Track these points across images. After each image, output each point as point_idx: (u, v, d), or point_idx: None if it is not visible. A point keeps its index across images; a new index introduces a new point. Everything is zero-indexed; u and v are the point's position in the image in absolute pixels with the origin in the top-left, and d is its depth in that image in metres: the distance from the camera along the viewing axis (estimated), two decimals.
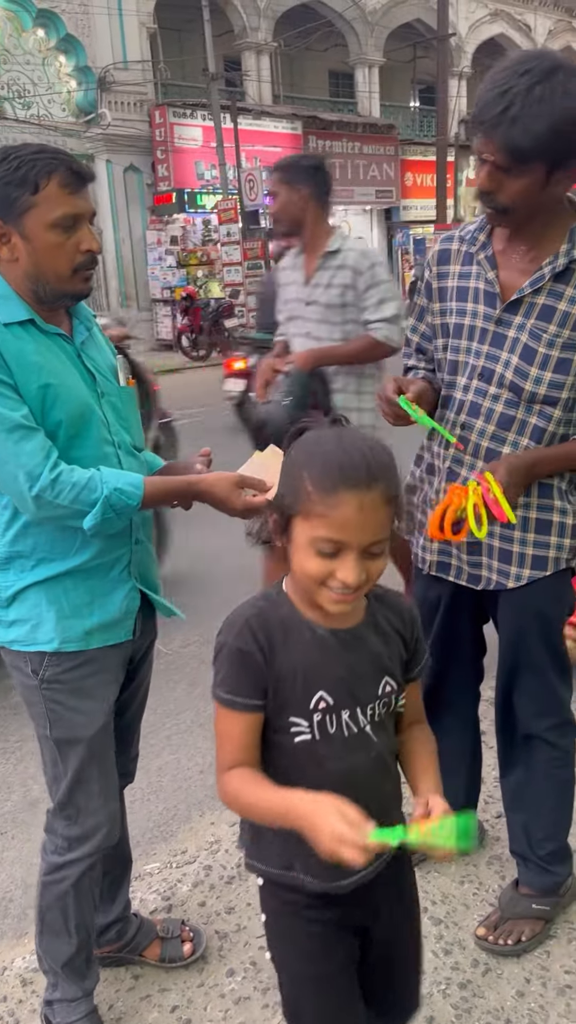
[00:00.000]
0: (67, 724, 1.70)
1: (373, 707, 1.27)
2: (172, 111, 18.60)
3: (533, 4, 26.55)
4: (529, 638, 1.97)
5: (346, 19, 22.23)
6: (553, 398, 1.81)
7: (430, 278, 1.99)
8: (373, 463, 1.14)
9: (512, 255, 1.84)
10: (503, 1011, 1.87)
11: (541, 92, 1.56)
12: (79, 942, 1.80)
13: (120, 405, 1.74)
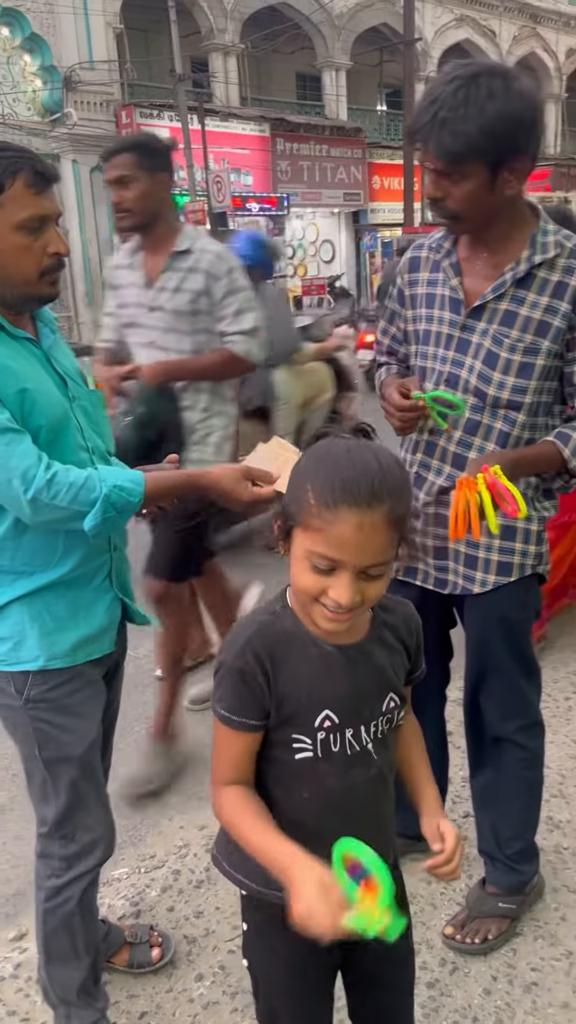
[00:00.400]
0: (56, 743, 1.65)
1: (377, 724, 1.24)
2: (139, 112, 18.51)
3: (498, 10, 26.79)
4: (495, 642, 1.98)
5: (313, 22, 22.27)
6: (517, 403, 1.83)
7: (402, 285, 2.01)
8: (379, 482, 1.07)
9: (476, 262, 1.86)
10: (470, 1009, 1.89)
11: (465, 95, 1.60)
12: (90, 962, 1.75)
13: (91, 409, 1.70)
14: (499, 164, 1.67)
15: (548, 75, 29.20)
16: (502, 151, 1.65)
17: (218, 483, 1.63)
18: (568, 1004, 1.89)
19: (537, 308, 1.79)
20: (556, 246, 1.79)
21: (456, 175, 1.68)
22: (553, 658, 3.50)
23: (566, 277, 1.78)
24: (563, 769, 2.74)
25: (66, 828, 1.69)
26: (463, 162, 1.65)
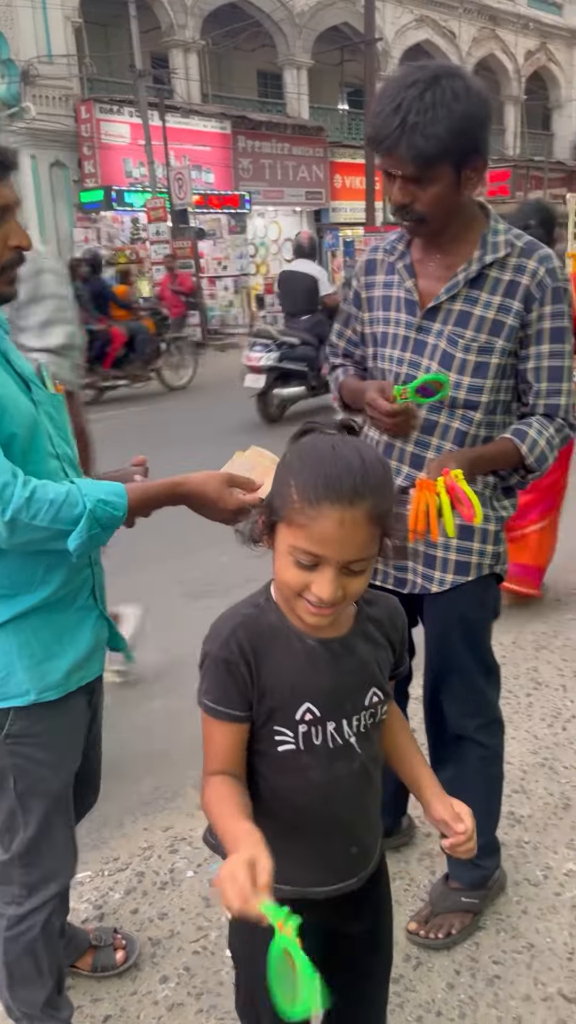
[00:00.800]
0: (34, 778, 1.56)
1: (359, 718, 1.25)
2: (98, 107, 18.35)
3: (458, 12, 27.01)
4: (454, 641, 2.00)
5: (274, 20, 22.28)
6: (473, 402, 1.85)
7: (358, 288, 2.03)
8: (361, 479, 1.08)
9: (429, 263, 1.88)
10: (434, 1004, 1.90)
11: (432, 98, 1.61)
12: (55, 981, 1.71)
13: (55, 414, 1.58)
14: (463, 164, 1.70)
15: (507, 77, 29.54)
16: (466, 151, 1.68)
17: (202, 491, 1.51)
18: (529, 996, 1.91)
19: (490, 308, 1.81)
20: (506, 245, 1.82)
21: (425, 179, 1.68)
22: (514, 655, 3.55)
23: (517, 276, 1.81)
24: (524, 765, 2.77)
25: (31, 857, 1.61)
26: (434, 165, 1.66)
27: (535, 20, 29.86)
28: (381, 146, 1.67)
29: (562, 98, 32.12)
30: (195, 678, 1.25)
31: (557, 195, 29.06)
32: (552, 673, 3.39)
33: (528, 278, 1.81)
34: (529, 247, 1.83)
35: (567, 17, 31.55)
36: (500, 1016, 1.87)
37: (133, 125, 18.28)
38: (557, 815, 2.53)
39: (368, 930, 1.38)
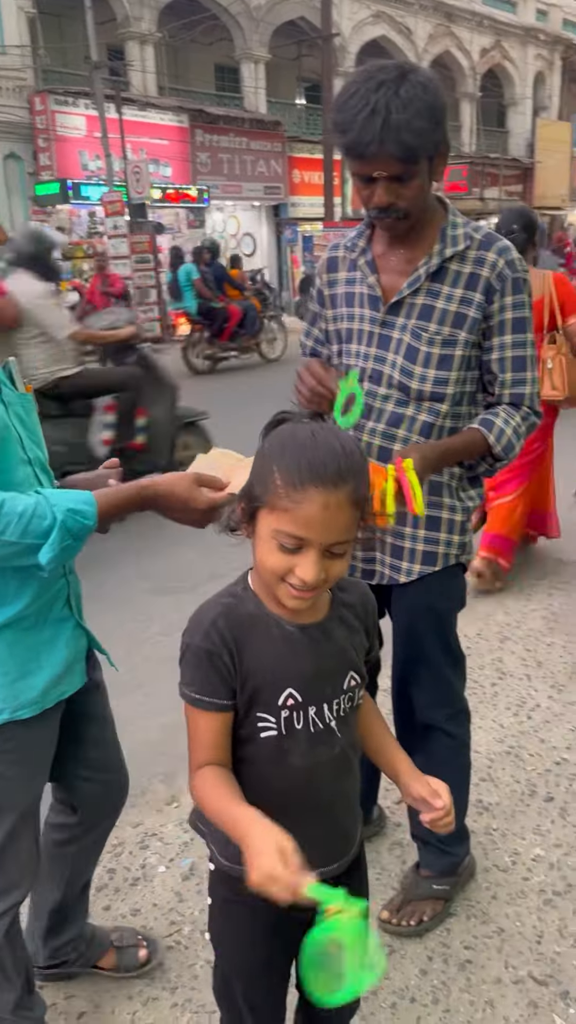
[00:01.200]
0: (2, 794, 1.52)
1: (339, 702, 1.27)
2: (53, 98, 18.08)
3: (414, 8, 27.13)
4: (421, 631, 2.02)
5: (231, 13, 22.15)
6: (440, 394, 1.87)
7: (321, 286, 2.04)
8: (344, 463, 1.12)
9: (391, 258, 1.89)
10: (407, 990, 1.93)
11: (407, 93, 1.62)
12: (23, 982, 1.68)
13: (25, 416, 1.50)
14: (434, 155, 1.72)
15: (463, 74, 29.75)
16: (437, 142, 1.70)
17: (171, 492, 1.45)
18: (500, 979, 1.95)
19: (452, 300, 1.84)
20: (465, 238, 1.84)
21: (408, 175, 1.69)
22: (479, 647, 3.59)
23: (477, 268, 1.83)
24: (491, 753, 2.81)
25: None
26: (418, 160, 1.67)
27: (490, 18, 30.11)
28: (365, 150, 1.65)
29: (516, 95, 32.46)
30: (160, 675, 1.24)
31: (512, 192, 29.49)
32: (516, 663, 3.44)
33: (488, 270, 1.83)
34: (487, 239, 1.86)
35: (521, 15, 31.88)
36: (473, 1000, 1.90)
37: (89, 117, 18.05)
38: (524, 802, 2.57)
39: None
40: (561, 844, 2.38)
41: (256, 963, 1.34)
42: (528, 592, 4.17)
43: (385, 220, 1.80)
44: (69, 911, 1.89)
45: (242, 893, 1.28)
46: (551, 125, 32.21)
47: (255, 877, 1.01)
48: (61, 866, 1.82)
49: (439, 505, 1.93)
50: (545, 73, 33.84)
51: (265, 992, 1.37)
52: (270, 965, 1.35)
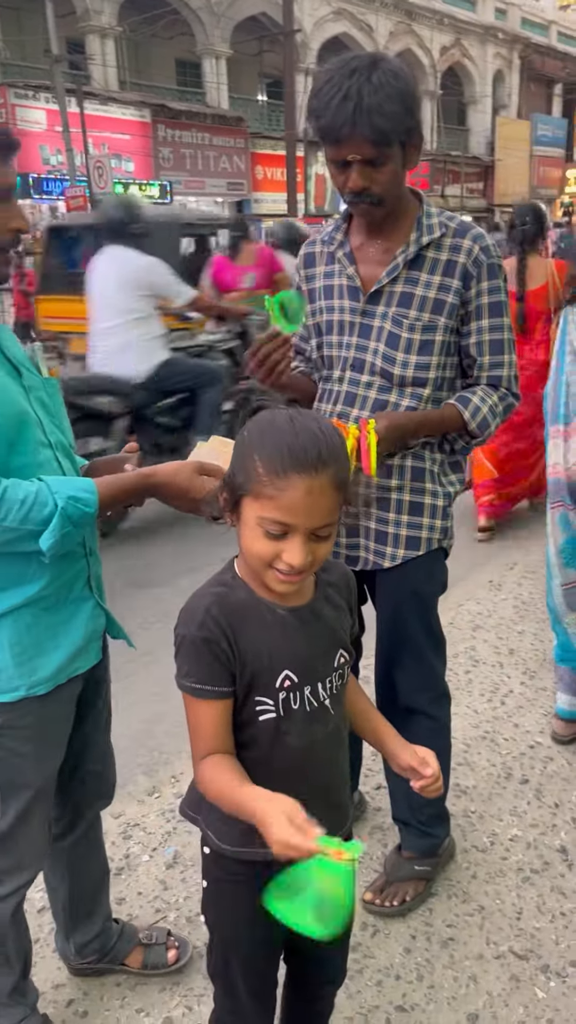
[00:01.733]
0: (16, 770, 1.53)
1: (331, 680, 1.30)
2: (13, 92, 17.94)
3: (375, 5, 27.27)
4: (406, 615, 2.06)
5: (192, 7, 22.09)
6: (422, 379, 1.91)
7: (300, 281, 2.07)
8: (324, 447, 1.13)
9: (369, 249, 1.93)
10: (392, 968, 1.96)
11: (378, 79, 1.67)
12: (21, 967, 1.70)
13: (48, 400, 1.53)
14: (407, 141, 1.76)
15: (423, 72, 29.96)
16: (410, 129, 1.74)
17: (173, 481, 1.48)
18: (482, 955, 1.99)
19: (431, 287, 1.88)
20: (440, 227, 1.89)
21: (381, 158, 1.73)
22: (452, 636, 3.64)
23: (454, 255, 1.88)
24: (467, 738, 2.87)
25: (5, 844, 1.59)
26: (390, 143, 1.71)
27: (450, 16, 30.39)
28: (339, 134, 1.70)
29: (476, 94, 32.79)
30: (138, 668, 1.25)
31: (473, 189, 29.79)
32: (488, 651, 3.50)
33: (464, 256, 1.88)
34: (462, 227, 1.91)
35: (480, 13, 32.20)
36: (456, 976, 1.94)
37: (50, 111, 17.92)
38: (500, 784, 2.62)
39: None
40: (537, 824, 2.43)
41: (252, 940, 1.36)
42: (498, 582, 4.24)
43: (360, 205, 1.83)
44: (82, 907, 1.89)
45: (237, 874, 1.32)
46: (510, 123, 32.59)
47: (274, 848, 1.03)
48: (59, 860, 1.82)
49: (422, 491, 1.97)
50: (504, 72, 34.22)
51: (260, 968, 1.40)
52: (265, 942, 1.38)
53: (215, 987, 1.44)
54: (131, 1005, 1.90)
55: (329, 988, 1.56)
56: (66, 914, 1.89)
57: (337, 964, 1.53)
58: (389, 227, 1.90)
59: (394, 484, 1.95)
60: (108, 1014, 1.88)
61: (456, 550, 2.22)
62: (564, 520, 2.63)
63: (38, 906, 2.17)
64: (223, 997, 1.43)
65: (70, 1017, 1.88)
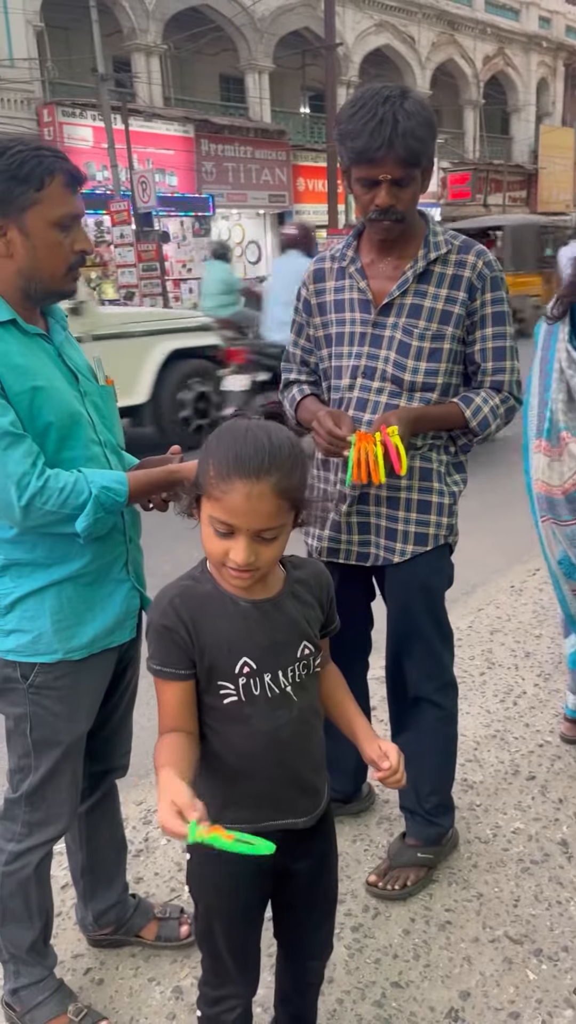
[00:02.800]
0: (50, 728, 1.70)
1: (294, 669, 1.38)
2: (61, 110, 18.40)
3: (417, 17, 27.39)
4: (415, 607, 2.17)
5: (235, 24, 22.44)
6: (430, 384, 2.05)
7: (308, 296, 2.21)
8: (268, 457, 1.23)
9: (379, 265, 2.08)
10: (391, 947, 2.06)
11: (410, 106, 1.85)
12: (42, 925, 1.84)
13: (101, 404, 1.74)
14: (427, 166, 1.94)
15: (466, 82, 29.99)
16: (430, 156, 1.93)
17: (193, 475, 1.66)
18: (478, 939, 2.08)
19: (438, 299, 2.03)
20: (446, 244, 2.05)
21: (407, 179, 1.90)
22: (470, 639, 3.73)
23: (459, 270, 2.03)
24: (477, 736, 2.95)
25: (36, 798, 1.75)
26: (417, 166, 1.89)
27: (493, 25, 30.37)
28: (375, 155, 1.85)
29: (519, 102, 32.68)
30: None
31: (516, 198, 29.65)
32: (505, 654, 3.58)
33: (469, 271, 2.03)
34: (465, 244, 2.07)
35: (524, 22, 32.12)
36: (451, 957, 2.04)
37: (96, 128, 18.35)
38: (507, 780, 2.70)
39: (313, 867, 1.52)
40: (540, 818, 2.51)
41: (234, 908, 1.47)
42: (519, 587, 4.30)
43: (383, 223, 1.97)
44: (101, 874, 2.03)
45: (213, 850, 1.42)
46: (554, 131, 32.40)
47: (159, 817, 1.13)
48: (77, 825, 1.97)
49: (429, 489, 2.10)
50: (548, 79, 34.08)
51: (241, 932, 1.50)
52: (247, 909, 1.48)
53: (201, 952, 1.55)
54: (144, 974, 2.02)
55: (313, 963, 1.64)
56: (84, 880, 2.03)
57: (320, 939, 1.61)
58: (399, 245, 2.05)
59: (403, 483, 2.07)
60: (122, 982, 2.01)
61: (477, 555, 2.32)
62: (554, 535, 2.66)
63: (62, 883, 2.32)
64: (207, 960, 1.53)
65: (87, 984, 2.01)
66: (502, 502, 5.41)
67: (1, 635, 1.65)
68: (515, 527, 5.06)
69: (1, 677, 1.69)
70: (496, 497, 5.49)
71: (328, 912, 1.60)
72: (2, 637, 1.65)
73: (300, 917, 1.56)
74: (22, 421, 1.53)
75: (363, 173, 1.90)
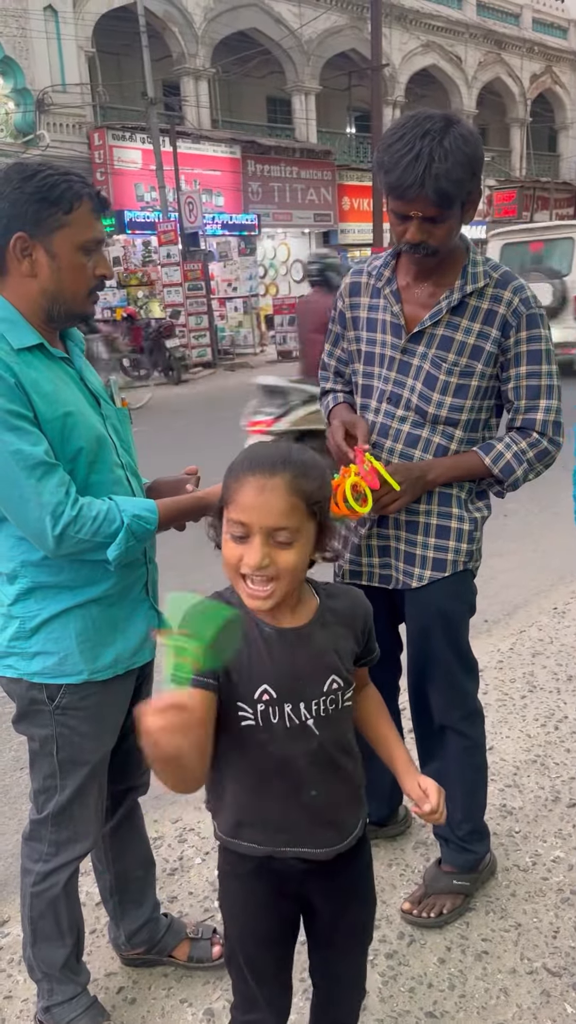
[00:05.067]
0: (76, 748, 1.71)
1: (319, 703, 1.34)
2: (111, 133, 18.78)
3: (463, 36, 27.44)
4: (432, 633, 2.13)
5: (283, 47, 22.71)
6: (454, 419, 2.01)
7: (343, 308, 2.18)
8: (282, 458, 1.26)
9: (415, 290, 2.04)
10: (426, 976, 2.03)
11: (449, 144, 1.77)
12: (73, 942, 1.84)
13: (120, 427, 1.77)
14: (468, 200, 1.88)
15: (513, 100, 29.92)
16: (471, 191, 1.86)
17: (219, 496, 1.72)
18: (516, 970, 2.04)
19: (470, 334, 1.98)
20: (485, 276, 1.99)
21: (441, 218, 1.84)
22: (511, 661, 3.68)
23: (494, 305, 1.97)
24: (517, 761, 2.90)
25: (62, 817, 1.76)
26: (452, 206, 1.83)
27: (540, 43, 30.30)
28: (406, 193, 1.80)
29: (567, 119, 32.49)
30: None
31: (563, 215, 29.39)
32: (547, 677, 3.52)
33: (504, 307, 1.97)
34: (504, 278, 2.00)
35: (572, 40, 31.98)
36: (488, 988, 1.99)
37: (145, 151, 18.68)
38: (547, 807, 2.65)
39: (335, 909, 1.47)
40: None
41: (256, 932, 1.45)
42: (563, 610, 4.23)
43: (414, 256, 1.95)
44: (130, 893, 2.03)
45: (237, 866, 1.42)
46: None
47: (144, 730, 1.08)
48: (102, 845, 1.97)
49: (448, 515, 2.06)
50: None
51: (265, 959, 1.47)
52: (269, 936, 1.46)
53: (230, 973, 1.53)
54: (176, 995, 2.02)
55: (338, 1008, 1.59)
56: (114, 900, 2.03)
57: (345, 981, 1.56)
58: (437, 273, 2.00)
59: (422, 508, 2.05)
60: (155, 1002, 2.01)
61: (519, 576, 2.29)
62: None
63: (96, 899, 2.32)
64: (235, 983, 1.51)
65: (120, 1003, 2.01)
66: (544, 522, 5.35)
67: (26, 658, 1.66)
68: (558, 547, 5.01)
69: (27, 700, 1.69)
70: (539, 517, 5.43)
71: (354, 955, 1.56)
72: (27, 660, 1.66)
73: (325, 955, 1.53)
74: (54, 448, 1.55)
75: (395, 207, 1.87)
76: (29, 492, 1.50)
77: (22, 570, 1.62)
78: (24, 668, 1.66)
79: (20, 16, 17.45)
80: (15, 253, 1.56)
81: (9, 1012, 2.00)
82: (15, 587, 1.64)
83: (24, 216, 1.54)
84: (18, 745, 3.13)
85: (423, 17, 25.88)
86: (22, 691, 1.69)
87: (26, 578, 1.63)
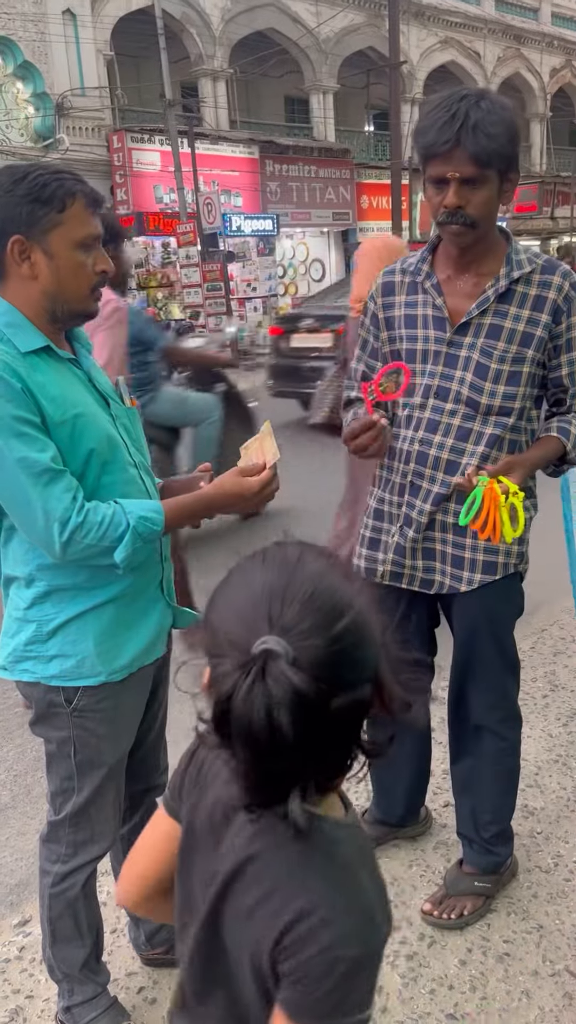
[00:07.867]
0: (94, 749, 1.72)
1: None
2: (130, 136, 18.82)
3: (482, 32, 27.26)
4: (481, 637, 2.11)
5: (300, 47, 22.67)
6: (508, 408, 1.98)
7: (375, 310, 2.14)
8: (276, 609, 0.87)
9: (457, 282, 2.01)
10: (447, 978, 2.02)
11: (487, 105, 1.79)
12: (92, 942, 1.85)
13: (131, 426, 1.77)
14: (506, 173, 1.86)
15: (533, 95, 29.68)
16: (510, 160, 1.85)
17: (223, 491, 1.68)
18: (537, 972, 2.02)
19: (520, 320, 1.96)
20: (529, 262, 1.97)
21: (478, 181, 1.82)
22: (532, 660, 3.65)
23: (543, 291, 1.95)
24: (539, 761, 2.88)
25: (80, 818, 1.76)
26: (489, 166, 1.81)
27: (559, 38, 30.02)
28: (441, 149, 1.79)
29: None
30: None
31: None
32: (569, 676, 3.49)
33: (555, 292, 1.95)
34: (549, 264, 1.99)
35: None
36: (509, 990, 1.98)
37: (163, 153, 18.71)
38: (569, 808, 2.63)
39: None
40: None
41: None
42: None
43: (452, 227, 1.89)
44: None
45: None
46: None
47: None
48: (121, 847, 1.97)
49: None
50: None
51: None
52: None
53: None
54: None
55: None
56: None
57: None
58: (478, 261, 1.98)
59: None
60: None
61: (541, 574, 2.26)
62: None
63: None
64: None
65: (140, 1003, 2.02)
66: None
67: (43, 661, 1.65)
68: None
69: (44, 703, 1.70)
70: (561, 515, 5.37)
71: None
72: (44, 663, 1.65)
73: None
74: (63, 452, 1.55)
75: (432, 172, 1.84)
76: (35, 499, 1.50)
77: (39, 574, 1.62)
78: (41, 672, 1.66)
79: (39, 21, 17.55)
80: (13, 257, 1.56)
81: (31, 1011, 2.01)
82: (32, 591, 1.64)
83: (18, 218, 1.54)
84: (39, 746, 3.14)
85: (441, 13, 25.73)
86: (39, 695, 1.69)
87: (43, 581, 1.63)
